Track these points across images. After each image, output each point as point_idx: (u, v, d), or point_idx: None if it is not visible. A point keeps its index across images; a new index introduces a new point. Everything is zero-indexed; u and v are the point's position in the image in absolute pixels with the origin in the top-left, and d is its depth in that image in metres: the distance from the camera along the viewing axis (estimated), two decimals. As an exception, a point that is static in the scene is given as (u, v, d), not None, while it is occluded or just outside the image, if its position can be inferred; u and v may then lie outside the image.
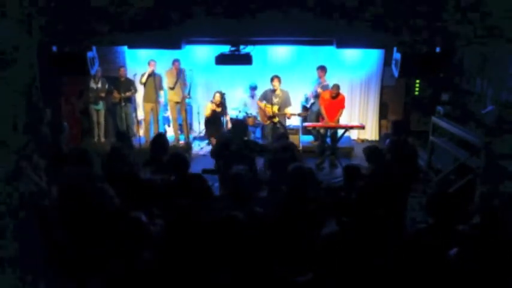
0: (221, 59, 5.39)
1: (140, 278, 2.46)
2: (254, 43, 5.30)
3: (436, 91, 8.32)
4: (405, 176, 4.04)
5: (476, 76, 7.32)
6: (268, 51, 8.69)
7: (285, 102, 7.55)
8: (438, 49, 4.77)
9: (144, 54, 8.32)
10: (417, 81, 8.69)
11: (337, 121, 7.49)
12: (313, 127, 7.66)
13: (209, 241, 2.56)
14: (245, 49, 5.30)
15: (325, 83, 7.80)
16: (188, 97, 8.38)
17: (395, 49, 4.99)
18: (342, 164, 6.52)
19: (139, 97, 8.44)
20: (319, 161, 7.40)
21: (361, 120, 8.90)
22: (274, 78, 7.47)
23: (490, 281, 2.45)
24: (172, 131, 8.54)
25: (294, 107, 8.11)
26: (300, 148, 7.96)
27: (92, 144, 8.24)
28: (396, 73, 5.03)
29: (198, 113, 8.81)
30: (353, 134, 9.08)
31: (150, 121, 8.26)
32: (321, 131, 7.51)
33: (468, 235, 2.69)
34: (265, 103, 7.52)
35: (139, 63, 8.56)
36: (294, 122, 8.48)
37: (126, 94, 8.01)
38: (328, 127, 7.38)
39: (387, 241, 2.63)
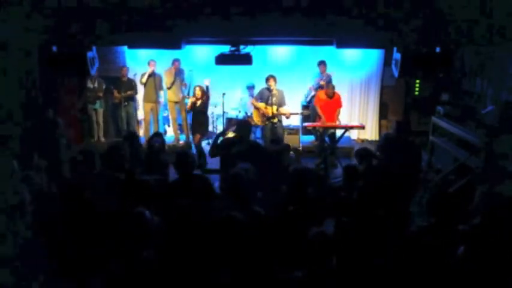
0: (221, 59, 5.39)
1: (140, 278, 2.47)
2: (254, 43, 5.30)
3: (436, 91, 8.32)
4: (408, 176, 4.04)
5: (476, 76, 7.32)
6: (268, 51, 8.69)
7: (281, 101, 7.54)
8: (438, 49, 4.77)
9: (144, 54, 8.31)
10: (417, 81, 8.68)
11: (337, 121, 7.49)
12: (313, 127, 7.66)
13: (209, 241, 2.56)
14: (245, 49, 5.30)
15: (328, 74, 7.84)
16: (188, 97, 8.37)
17: (395, 49, 4.99)
18: (342, 164, 6.51)
19: (139, 97, 8.44)
20: (318, 161, 7.39)
21: (361, 120, 8.89)
22: (269, 78, 7.41)
23: (490, 281, 2.45)
24: (172, 131, 8.53)
25: (294, 107, 8.09)
26: (300, 148, 7.96)
27: (92, 144, 8.23)
28: (396, 73, 5.03)
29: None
30: (353, 134, 9.07)
31: (150, 121, 8.26)
32: (320, 131, 7.51)
33: (469, 235, 2.69)
34: (264, 104, 7.51)
35: (139, 63, 8.55)
36: (294, 122, 8.46)
37: (126, 93, 8.00)
38: (327, 127, 7.38)
39: (387, 241, 2.63)
